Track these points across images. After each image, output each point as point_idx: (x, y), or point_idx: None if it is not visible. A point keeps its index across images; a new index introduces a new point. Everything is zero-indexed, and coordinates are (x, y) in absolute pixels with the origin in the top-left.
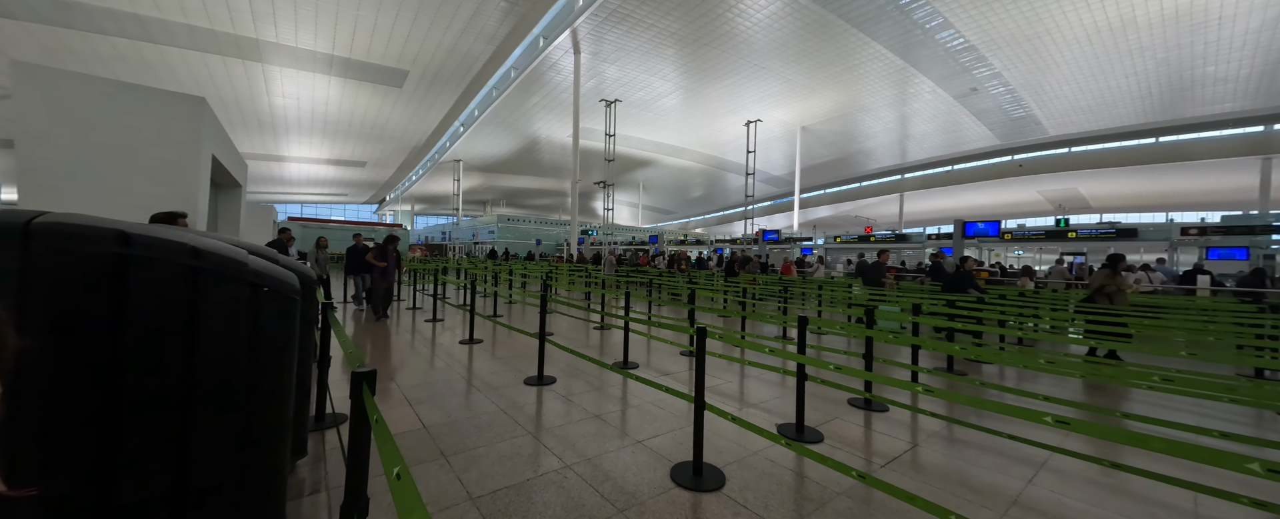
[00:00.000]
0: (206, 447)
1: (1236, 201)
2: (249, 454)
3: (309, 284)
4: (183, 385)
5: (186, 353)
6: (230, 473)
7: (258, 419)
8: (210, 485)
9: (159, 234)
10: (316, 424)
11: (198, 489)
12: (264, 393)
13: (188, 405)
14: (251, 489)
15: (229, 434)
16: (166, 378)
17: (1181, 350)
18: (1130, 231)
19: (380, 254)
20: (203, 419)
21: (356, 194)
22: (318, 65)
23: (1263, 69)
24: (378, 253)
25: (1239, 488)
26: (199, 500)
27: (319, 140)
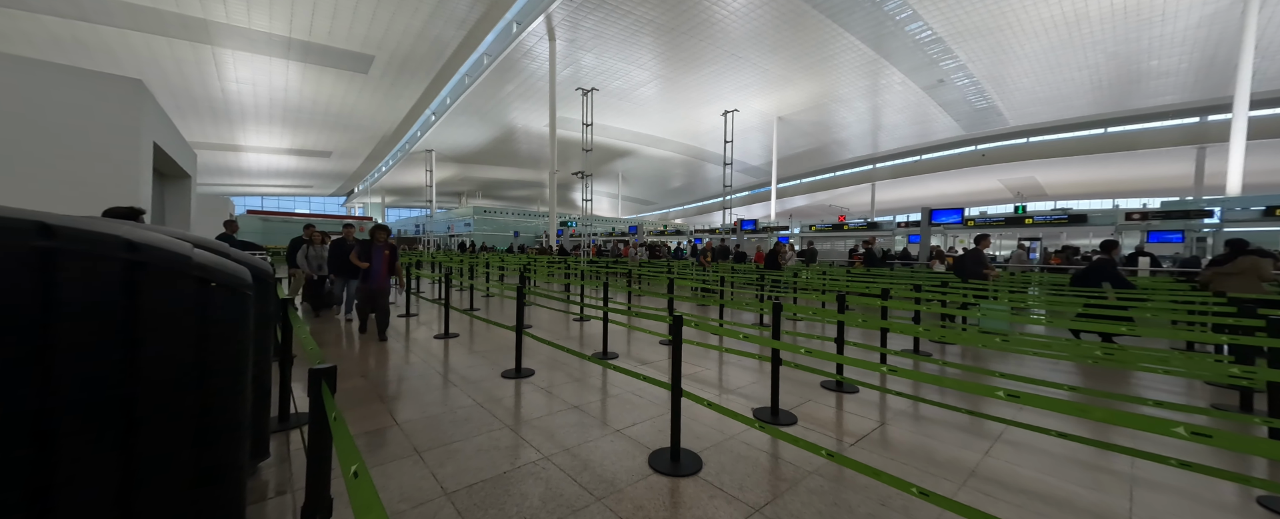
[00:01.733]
0: (153, 453)
1: (1175, 188)
2: (202, 459)
3: (264, 279)
4: (122, 389)
5: (125, 354)
6: (181, 479)
7: (210, 422)
8: (159, 494)
9: (87, 226)
10: (280, 424)
11: (146, 498)
12: (216, 394)
13: (129, 410)
14: (207, 495)
15: (178, 438)
16: (102, 381)
17: (1122, 327)
18: (1081, 218)
19: (364, 253)
20: (147, 424)
21: (322, 186)
22: (274, 49)
23: (1199, 64)
24: (362, 251)
25: (1169, 451)
26: (148, 510)
27: (279, 129)
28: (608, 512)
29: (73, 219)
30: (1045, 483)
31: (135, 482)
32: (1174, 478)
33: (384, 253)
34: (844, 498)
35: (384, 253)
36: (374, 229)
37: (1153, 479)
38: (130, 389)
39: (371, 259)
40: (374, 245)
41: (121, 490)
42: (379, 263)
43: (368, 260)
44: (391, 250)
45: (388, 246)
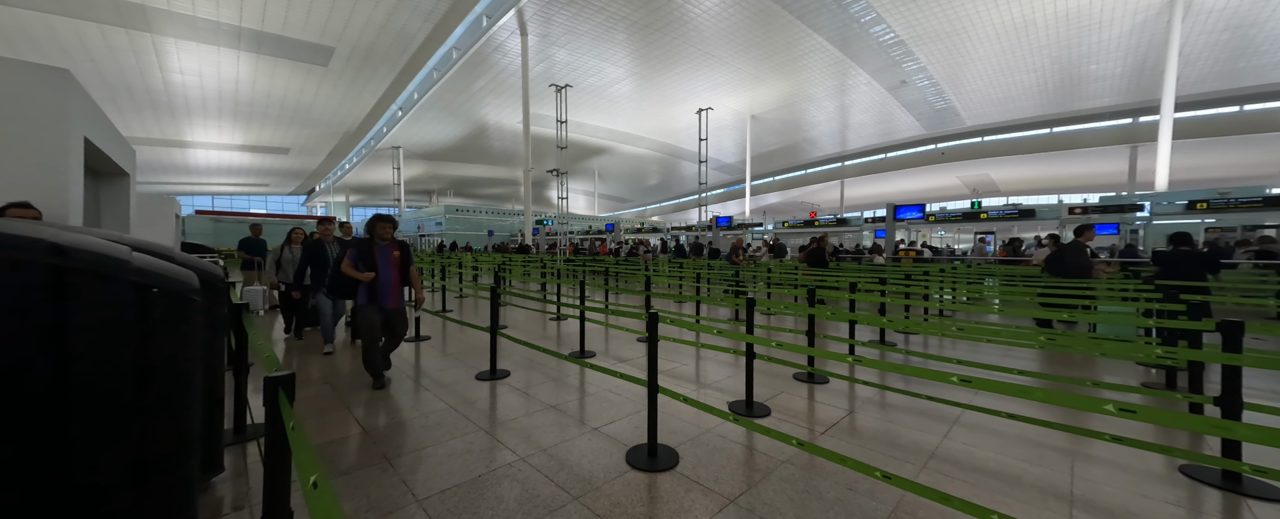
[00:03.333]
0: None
1: (1112, 184)
2: (146, 477)
3: (215, 283)
4: (50, 405)
5: (52, 366)
6: (123, 501)
7: (154, 437)
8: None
9: (8, 229)
10: (236, 436)
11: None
12: (160, 406)
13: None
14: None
15: (117, 457)
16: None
17: (1064, 313)
18: (1030, 212)
19: (363, 257)
20: (81, 442)
21: (280, 184)
22: (222, 38)
23: (1131, 68)
24: (360, 255)
25: (1104, 427)
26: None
27: (230, 124)
28: (585, 510)
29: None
30: (997, 461)
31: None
32: (1110, 452)
33: (393, 254)
34: (814, 484)
35: (393, 254)
36: (373, 221)
37: (1092, 454)
38: (57, 407)
39: (377, 267)
40: (376, 245)
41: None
42: (389, 271)
43: (372, 268)
44: (402, 250)
45: (396, 245)
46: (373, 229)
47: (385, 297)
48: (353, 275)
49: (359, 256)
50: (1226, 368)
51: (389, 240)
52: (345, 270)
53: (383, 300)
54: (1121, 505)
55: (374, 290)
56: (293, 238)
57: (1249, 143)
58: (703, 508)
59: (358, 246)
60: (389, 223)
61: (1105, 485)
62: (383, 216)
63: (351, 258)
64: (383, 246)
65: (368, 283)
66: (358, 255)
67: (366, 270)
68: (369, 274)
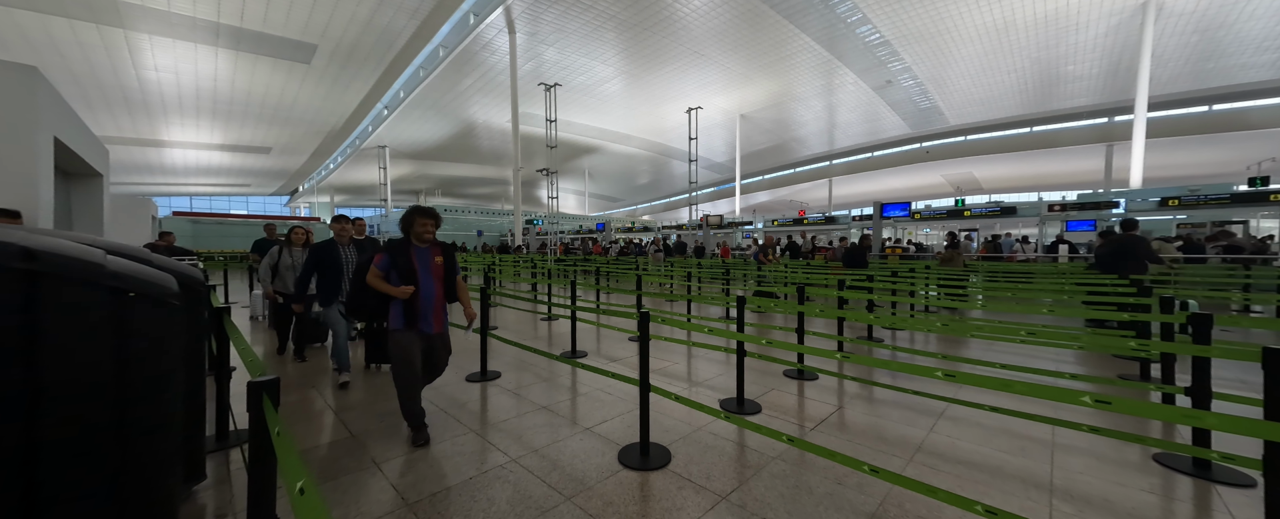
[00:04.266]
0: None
1: (1089, 182)
2: (124, 487)
3: (194, 286)
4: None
5: (22, 375)
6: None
7: (133, 445)
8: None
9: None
10: (218, 443)
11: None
12: (139, 413)
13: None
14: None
15: (95, 466)
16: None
17: (1044, 308)
18: (1011, 209)
19: (400, 265)
20: (54, 450)
21: (262, 184)
22: (200, 34)
23: (1107, 69)
24: (394, 262)
25: (1082, 418)
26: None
27: (208, 122)
28: (578, 510)
29: None
30: (981, 453)
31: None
32: (1088, 442)
33: (435, 261)
34: (804, 480)
35: (435, 261)
36: (411, 216)
37: (1071, 444)
38: (30, 416)
39: (417, 278)
40: (413, 248)
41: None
42: (431, 283)
43: (411, 280)
44: (447, 255)
45: (439, 248)
46: (410, 226)
47: (428, 318)
48: (384, 290)
49: (393, 264)
50: (1196, 359)
51: (430, 242)
52: (373, 283)
53: (424, 324)
54: (1099, 494)
55: (413, 310)
56: (293, 238)
57: (1218, 141)
58: (695, 505)
59: (391, 251)
60: (431, 219)
61: (1083, 475)
62: (423, 210)
63: (382, 265)
64: (422, 250)
65: (404, 300)
66: (391, 262)
67: (403, 282)
68: (407, 289)
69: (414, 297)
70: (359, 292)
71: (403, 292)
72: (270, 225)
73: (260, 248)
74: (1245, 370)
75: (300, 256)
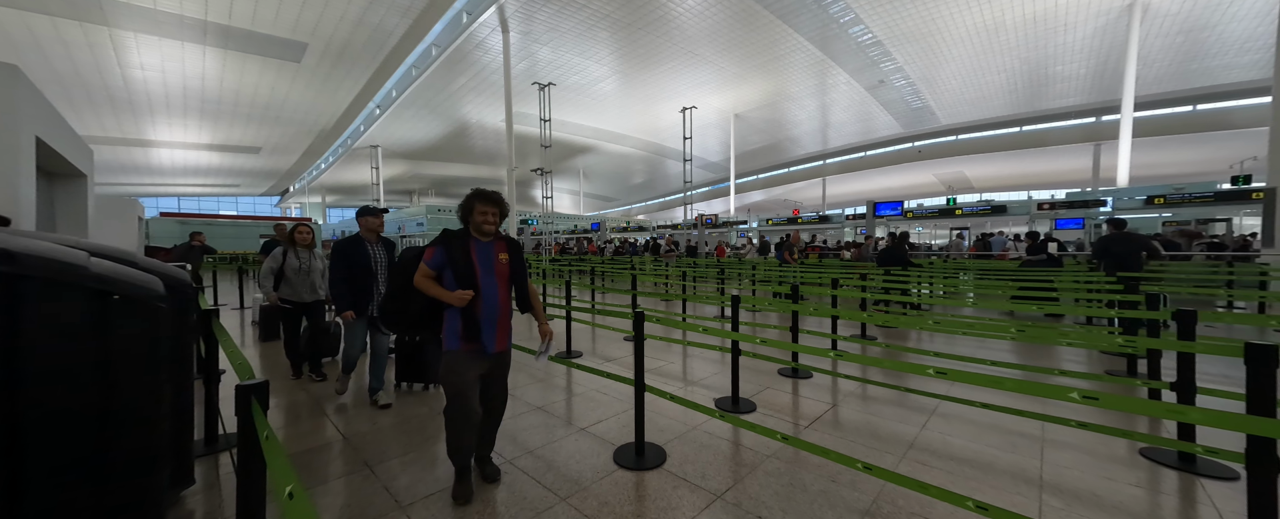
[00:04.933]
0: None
1: (1077, 181)
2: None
3: (181, 288)
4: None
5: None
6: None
7: (117, 450)
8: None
9: None
10: (207, 447)
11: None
12: (123, 419)
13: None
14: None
15: (77, 471)
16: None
17: (1033, 305)
18: (1001, 208)
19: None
20: (37, 454)
21: (252, 185)
22: (187, 32)
23: (1095, 69)
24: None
25: (1071, 414)
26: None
27: (196, 122)
28: (573, 511)
29: None
30: (972, 449)
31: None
32: (1077, 437)
33: (499, 259)
34: (799, 478)
35: (499, 259)
36: (470, 203)
37: (1060, 439)
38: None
39: (479, 279)
40: (474, 242)
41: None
42: (495, 288)
43: (470, 284)
44: (513, 253)
45: (504, 243)
46: (469, 214)
47: (491, 334)
48: (436, 295)
49: (448, 261)
50: (1181, 354)
51: (494, 235)
52: (424, 286)
53: (487, 340)
54: (1088, 489)
55: (473, 322)
56: (299, 238)
57: (1202, 140)
58: (690, 504)
59: (447, 244)
60: (494, 205)
61: (1072, 469)
62: (484, 195)
63: (434, 263)
64: (484, 246)
65: (462, 309)
66: (445, 259)
67: (460, 285)
68: (466, 293)
69: (474, 304)
70: (399, 297)
71: (460, 297)
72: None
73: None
74: (1230, 366)
75: (308, 259)
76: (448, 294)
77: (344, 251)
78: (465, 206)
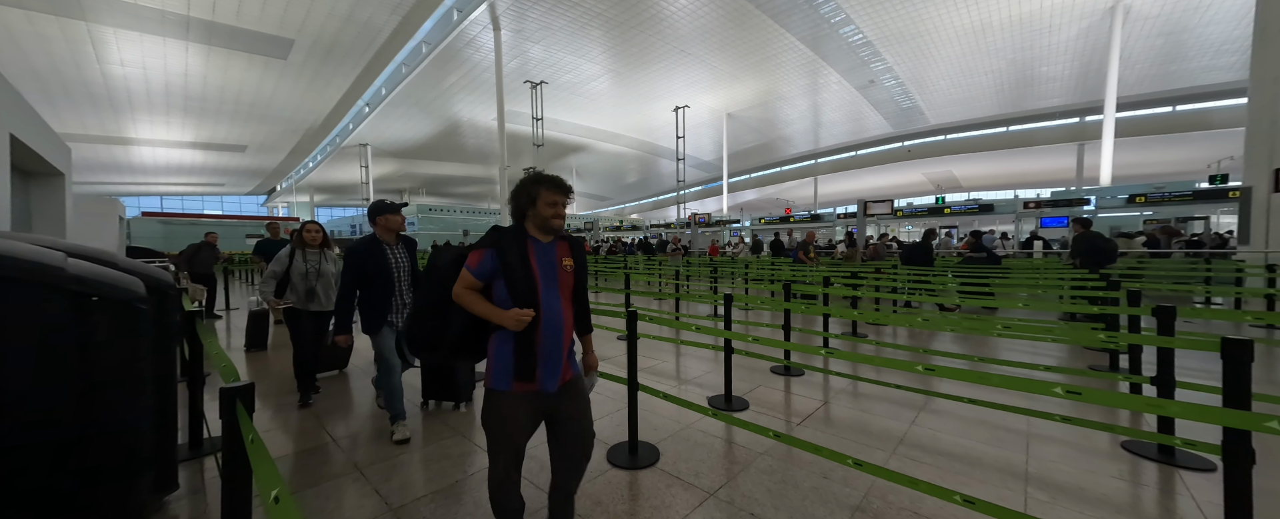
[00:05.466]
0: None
1: (1062, 180)
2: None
3: (163, 290)
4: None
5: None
6: None
7: (97, 455)
8: None
9: None
10: (191, 452)
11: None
12: (103, 422)
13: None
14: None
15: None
16: None
17: (1019, 303)
18: (989, 207)
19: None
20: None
21: (238, 184)
22: (169, 28)
23: (1079, 70)
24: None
25: (1055, 409)
26: None
27: (179, 120)
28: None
29: None
30: (961, 445)
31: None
32: (1061, 431)
33: (563, 264)
34: (791, 475)
35: (563, 264)
36: (530, 185)
37: (1045, 434)
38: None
39: (540, 294)
40: (532, 242)
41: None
42: (558, 302)
43: (528, 301)
44: (577, 254)
45: (566, 243)
46: (531, 204)
47: (553, 369)
48: (484, 314)
49: (501, 266)
50: (1161, 350)
51: (558, 231)
52: (466, 300)
53: (548, 378)
54: (1072, 482)
55: (530, 352)
56: (307, 238)
57: (1182, 140)
58: (683, 502)
59: (499, 244)
60: (561, 194)
61: (1057, 463)
62: (547, 180)
63: (483, 269)
64: (544, 248)
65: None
66: (497, 264)
67: (517, 301)
68: (526, 313)
69: (533, 328)
70: (432, 315)
71: (518, 318)
72: (274, 224)
73: (265, 251)
74: (1209, 360)
75: (317, 261)
76: (501, 314)
77: (358, 257)
78: (525, 194)
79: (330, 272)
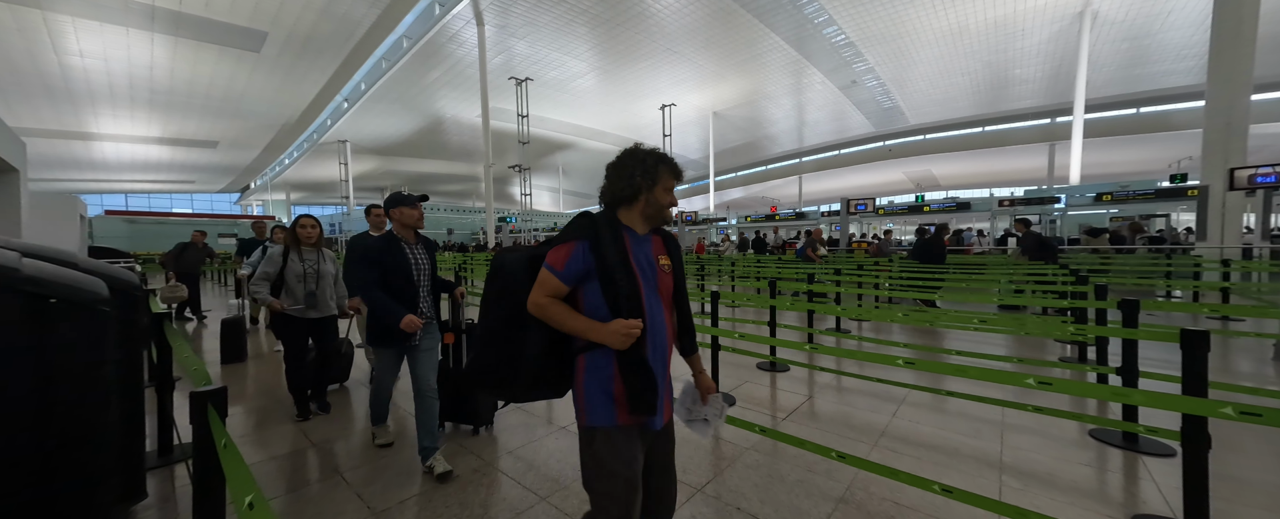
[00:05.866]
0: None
1: (1035, 178)
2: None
3: (129, 291)
4: None
5: None
6: None
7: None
8: None
9: None
10: (160, 459)
11: None
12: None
13: None
14: None
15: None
16: None
17: (993, 298)
18: (966, 204)
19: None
20: None
21: (208, 181)
22: (132, 18)
23: (1050, 73)
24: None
25: (1028, 399)
26: None
27: (145, 114)
28: (553, 510)
29: None
30: (940, 436)
31: None
32: (1034, 421)
33: (661, 263)
34: (777, 468)
35: (661, 263)
36: (653, 162)
37: (1019, 424)
38: None
39: (643, 299)
40: (629, 236)
41: None
42: (660, 316)
43: (636, 306)
44: (673, 253)
45: (659, 238)
46: (648, 187)
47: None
48: (578, 331)
49: (599, 266)
50: (1125, 341)
51: (656, 228)
52: (552, 314)
53: (654, 413)
54: (1044, 469)
55: (644, 379)
56: (302, 235)
57: (1146, 141)
58: None
59: (596, 240)
60: (674, 176)
61: (1030, 452)
62: (667, 159)
63: (572, 271)
64: (640, 242)
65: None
66: (591, 262)
67: (619, 310)
68: (634, 325)
69: (640, 344)
70: (501, 341)
71: (625, 332)
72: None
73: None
74: (1172, 350)
75: (314, 262)
76: (602, 328)
77: (375, 253)
78: (644, 172)
79: (330, 273)
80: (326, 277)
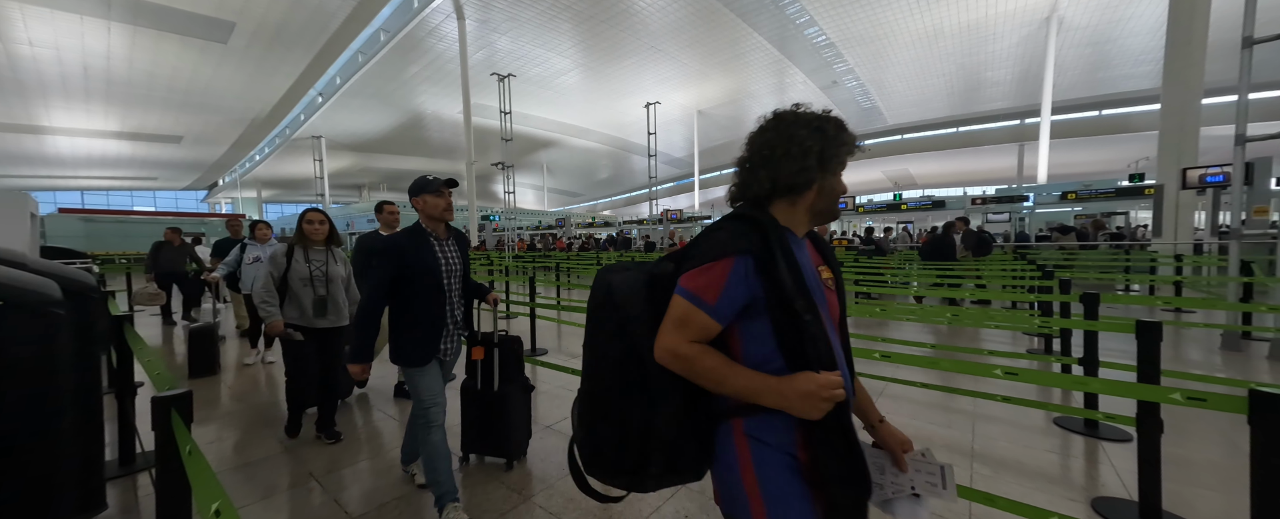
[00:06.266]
0: None
1: (1006, 178)
2: None
3: (86, 293)
4: None
5: None
6: None
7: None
8: None
9: None
10: (122, 468)
11: None
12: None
13: None
14: None
15: None
16: None
17: (967, 293)
18: (941, 203)
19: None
20: None
21: (173, 178)
22: (86, 5)
23: (1019, 75)
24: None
25: (997, 390)
26: None
27: (102, 107)
28: (539, 509)
29: None
30: (913, 426)
31: None
32: (1002, 411)
33: (824, 277)
34: None
35: (824, 277)
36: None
37: (989, 414)
38: None
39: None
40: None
41: None
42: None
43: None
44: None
45: (810, 241)
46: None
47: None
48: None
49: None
50: (1087, 333)
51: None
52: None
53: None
54: (1012, 457)
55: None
56: (309, 232)
57: (1108, 142)
58: (656, 495)
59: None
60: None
61: (999, 441)
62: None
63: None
64: (800, 247)
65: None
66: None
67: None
68: (835, 380)
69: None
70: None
71: (824, 394)
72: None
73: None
74: (1129, 341)
75: (323, 263)
76: (784, 388)
77: (397, 249)
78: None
79: (341, 275)
80: (337, 280)
